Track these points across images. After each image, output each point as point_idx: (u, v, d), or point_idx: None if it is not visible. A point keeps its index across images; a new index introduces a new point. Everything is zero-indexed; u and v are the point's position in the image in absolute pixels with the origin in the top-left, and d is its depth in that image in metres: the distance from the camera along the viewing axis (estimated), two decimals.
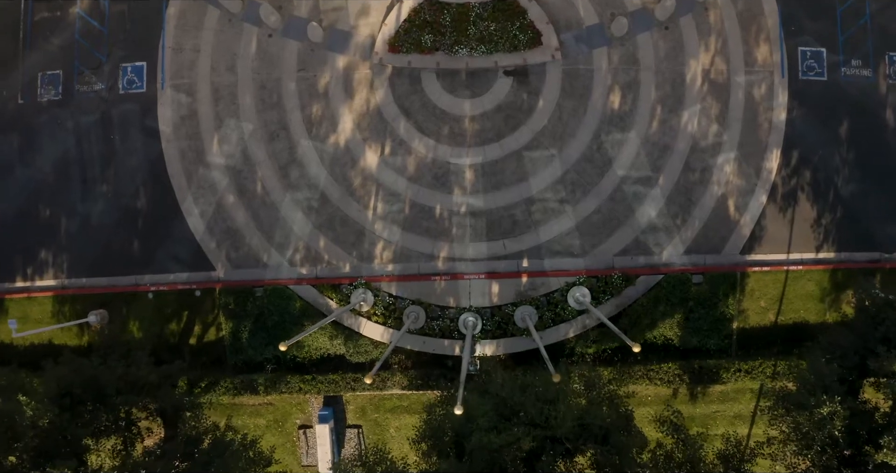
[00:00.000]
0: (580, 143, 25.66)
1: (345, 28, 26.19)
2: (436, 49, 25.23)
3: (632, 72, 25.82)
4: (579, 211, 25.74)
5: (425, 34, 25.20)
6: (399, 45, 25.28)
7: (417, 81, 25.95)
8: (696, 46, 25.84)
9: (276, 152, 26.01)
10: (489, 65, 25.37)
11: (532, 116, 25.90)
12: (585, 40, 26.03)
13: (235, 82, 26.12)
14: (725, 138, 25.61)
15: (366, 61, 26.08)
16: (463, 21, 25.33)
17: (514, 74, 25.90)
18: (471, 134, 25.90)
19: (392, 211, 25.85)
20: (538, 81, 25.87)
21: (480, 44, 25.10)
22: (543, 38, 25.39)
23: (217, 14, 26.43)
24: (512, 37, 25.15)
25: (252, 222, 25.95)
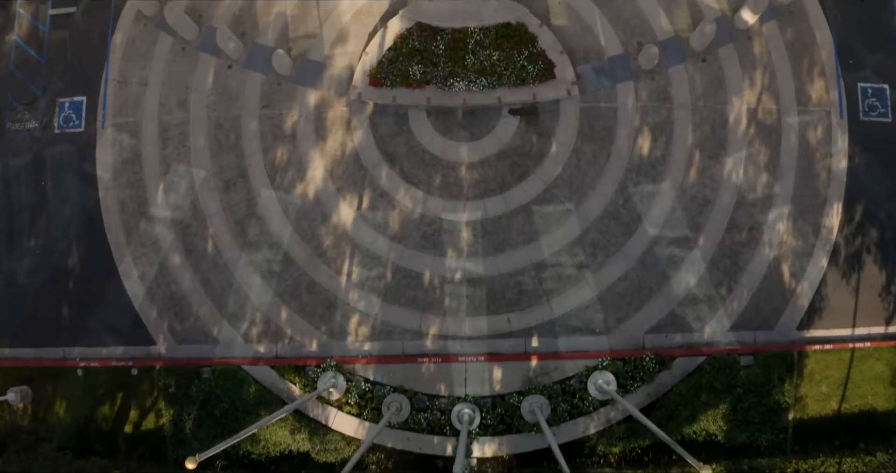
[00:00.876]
0: (602, 196, 22.02)
1: (318, 58, 22.77)
2: (426, 82, 21.91)
3: (664, 110, 22.17)
4: (602, 278, 22.12)
5: (414, 65, 21.68)
6: (382, 77, 21.69)
7: (404, 121, 22.53)
8: (739, 81, 22.70)
9: (231, 204, 22.24)
10: (491, 101, 22.12)
11: (543, 163, 22.44)
12: (607, 73, 22.47)
13: (187, 121, 22.67)
14: (777, 190, 22.36)
15: (342, 97, 22.58)
16: (459, 49, 21.94)
17: (521, 113, 22.61)
18: (468, 184, 22.36)
19: (371, 277, 22.12)
20: (550, 122, 22.46)
21: (480, 76, 21.64)
22: (557, 71, 21.90)
23: (170, 42, 23.26)
24: (519, 68, 21.90)
25: (201, 287, 22.29)
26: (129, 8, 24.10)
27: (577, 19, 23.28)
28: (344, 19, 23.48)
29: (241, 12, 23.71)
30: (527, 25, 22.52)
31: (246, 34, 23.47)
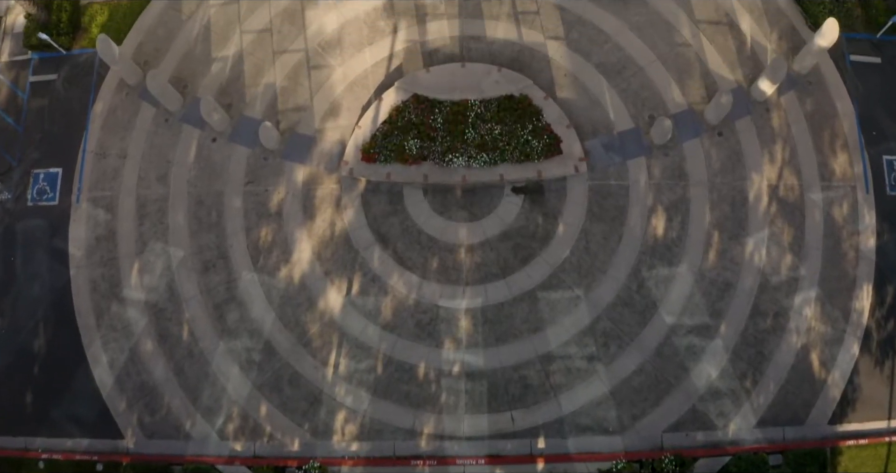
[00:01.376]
0: (614, 281, 20.73)
1: (307, 132, 21.78)
2: (423, 158, 20.94)
3: (679, 188, 20.95)
4: (615, 372, 20.62)
5: (410, 139, 20.66)
6: (376, 152, 20.65)
7: (398, 200, 21.45)
8: (758, 156, 21.85)
9: (210, 287, 20.87)
10: (493, 179, 21.12)
11: (549, 245, 21.27)
12: (617, 149, 21.41)
13: (167, 196, 21.57)
14: (803, 272, 21.09)
15: (332, 173, 21.53)
16: (459, 123, 21.04)
17: (525, 192, 21.57)
18: (468, 268, 21.15)
19: (359, 370, 20.65)
20: (557, 201, 21.40)
21: (481, 152, 20.63)
22: (563, 146, 20.98)
23: (152, 113, 22.45)
24: (523, 143, 20.96)
25: (174, 377, 20.95)
26: (111, 76, 23.35)
27: (585, 92, 22.33)
28: (336, 91, 22.58)
29: (229, 83, 22.83)
30: (531, 98, 21.58)
31: (232, 106, 22.51)
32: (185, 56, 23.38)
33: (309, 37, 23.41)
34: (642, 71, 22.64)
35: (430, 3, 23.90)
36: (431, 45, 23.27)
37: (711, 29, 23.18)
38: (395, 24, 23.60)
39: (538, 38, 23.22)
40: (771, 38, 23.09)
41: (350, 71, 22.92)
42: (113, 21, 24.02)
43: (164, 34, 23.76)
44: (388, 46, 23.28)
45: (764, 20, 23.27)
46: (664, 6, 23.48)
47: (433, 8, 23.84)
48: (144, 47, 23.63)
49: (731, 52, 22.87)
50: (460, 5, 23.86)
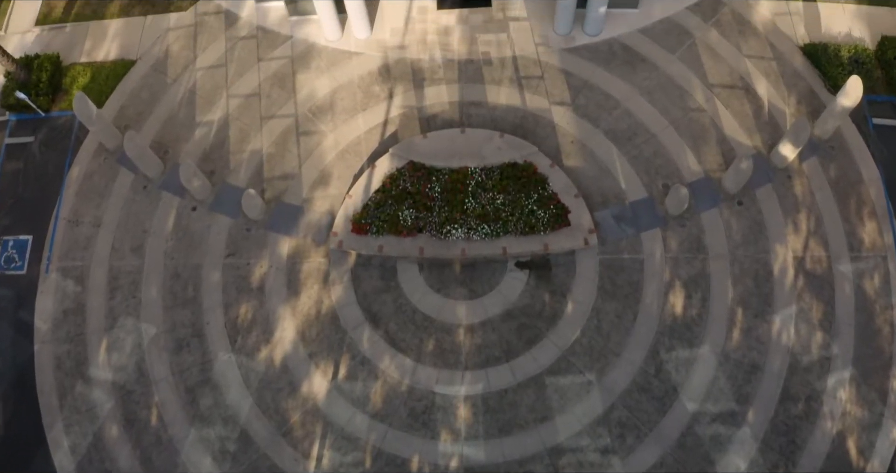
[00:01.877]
0: (629, 364, 19.33)
1: (294, 201, 20.71)
2: (419, 230, 19.97)
3: (697, 262, 19.67)
4: (633, 466, 18.78)
5: (405, 209, 19.51)
6: (367, 223, 19.49)
7: (391, 275, 20.30)
8: (781, 226, 20.72)
9: (183, 368, 19.38)
10: (495, 252, 19.92)
11: (557, 325, 19.84)
12: (630, 220, 20.25)
13: (141, 268, 20.37)
14: (835, 351, 19.61)
15: (320, 246, 20.35)
16: (458, 192, 20.00)
17: (530, 266, 20.42)
18: (468, 351, 19.67)
19: (345, 463, 19.07)
20: (565, 276, 20.18)
21: (482, 223, 19.50)
22: (571, 217, 19.86)
23: (130, 179, 21.47)
24: (527, 214, 19.92)
25: (140, 466, 19.48)
26: (90, 140, 22.57)
27: (594, 159, 21.33)
28: (326, 159, 21.64)
29: (212, 149, 21.91)
30: (536, 165, 20.52)
31: (215, 173, 21.46)
32: (168, 120, 22.56)
33: (299, 101, 22.61)
34: (654, 137, 21.64)
35: (429, 67, 23.19)
36: (429, 111, 22.39)
37: (726, 93, 22.32)
38: (391, 88, 22.81)
39: (543, 104, 22.36)
40: (789, 101, 22.20)
41: (342, 137, 21.98)
42: (95, 83, 23.39)
43: (147, 97, 23.01)
44: (384, 112, 22.41)
45: (781, 84, 22.46)
46: (675, 70, 22.74)
47: (431, 72, 23.10)
48: (126, 111, 22.87)
49: (747, 117, 21.92)
50: (460, 69, 23.14)
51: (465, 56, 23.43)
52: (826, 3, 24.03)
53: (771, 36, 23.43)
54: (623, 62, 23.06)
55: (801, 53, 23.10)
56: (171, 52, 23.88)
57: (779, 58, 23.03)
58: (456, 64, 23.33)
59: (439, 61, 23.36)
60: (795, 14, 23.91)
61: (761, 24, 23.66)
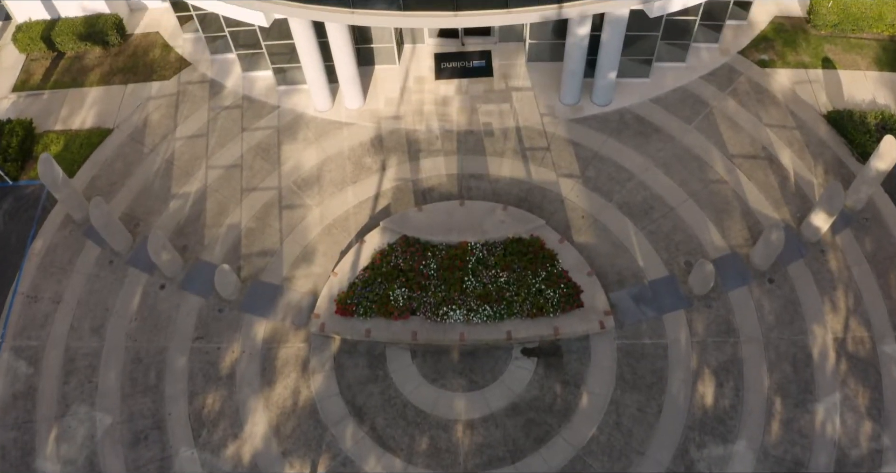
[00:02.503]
0: (656, 464, 17.16)
1: (273, 280, 18.90)
2: (412, 312, 18.04)
3: (728, 346, 17.75)
4: None
5: (396, 288, 17.64)
6: (353, 303, 17.61)
7: (380, 363, 18.16)
8: (818, 305, 18.71)
9: (139, 464, 17.37)
10: (498, 337, 17.95)
11: (571, 421, 17.53)
12: (650, 301, 18.42)
13: (100, 350, 18.59)
14: (886, 442, 17.19)
15: (300, 330, 18.35)
16: (456, 269, 18.28)
17: (538, 354, 18.37)
18: (467, 451, 17.33)
19: None
20: (579, 365, 18.10)
21: (484, 304, 17.64)
22: (584, 297, 18.14)
23: (97, 254, 19.98)
24: (535, 294, 18.08)
25: None
26: (56, 211, 21.14)
27: (607, 235, 19.67)
28: (311, 234, 19.97)
29: (187, 222, 20.27)
30: (543, 240, 18.74)
31: (188, 248, 19.73)
32: (142, 191, 21.05)
33: (284, 174, 21.17)
34: (673, 211, 20.00)
35: (425, 137, 21.92)
36: (425, 184, 20.91)
37: (748, 164, 20.87)
38: (384, 160, 21.43)
39: (549, 176, 20.90)
40: (816, 171, 20.74)
41: (328, 212, 20.37)
42: (68, 151, 22.10)
43: (121, 168, 21.62)
44: (375, 185, 20.93)
45: (806, 153, 21.07)
46: (692, 140, 21.41)
47: (428, 143, 21.81)
48: (98, 181, 21.44)
49: (773, 189, 20.38)
50: (459, 140, 21.85)
51: (465, 126, 22.22)
52: (847, 70, 23.08)
53: (791, 104, 22.27)
54: (636, 133, 21.78)
55: (824, 121, 21.83)
56: (150, 122, 22.67)
57: (802, 126, 21.76)
58: (455, 135, 22.06)
59: (437, 132, 22.11)
60: (815, 82, 22.86)
61: (780, 93, 22.56)
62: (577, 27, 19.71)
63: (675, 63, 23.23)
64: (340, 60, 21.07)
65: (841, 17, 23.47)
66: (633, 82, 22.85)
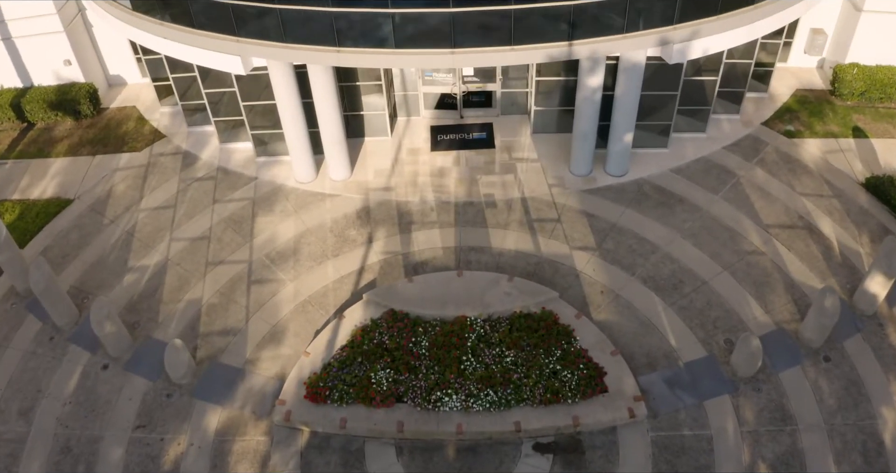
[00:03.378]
0: None
1: (234, 362, 16.39)
2: (398, 398, 15.02)
3: (785, 436, 15.05)
4: None
5: (379, 369, 14.68)
6: (327, 387, 14.70)
7: (357, 461, 14.98)
8: (883, 384, 15.74)
9: None
10: (504, 429, 14.93)
11: None
12: (687, 385, 15.65)
13: (25, 436, 15.72)
14: None
15: (261, 420, 15.28)
16: (453, 347, 15.76)
17: (554, 450, 14.92)
18: None
19: None
20: (605, 463, 15.02)
21: (487, 388, 14.65)
22: (608, 381, 14.98)
23: (37, 329, 17.76)
24: (548, 376, 15.12)
25: None
26: (1, 283, 18.43)
27: (632, 312, 17.13)
28: (282, 312, 17.38)
29: (141, 297, 17.79)
30: (556, 315, 16.00)
31: (139, 326, 17.11)
32: (96, 263, 18.66)
33: (256, 246, 18.86)
34: (706, 285, 17.46)
35: (419, 209, 19.84)
36: (418, 257, 18.57)
37: (786, 233, 18.59)
38: (371, 232, 19.21)
39: (561, 249, 18.57)
40: (861, 240, 18.44)
41: (304, 287, 17.84)
42: (23, 220, 19.94)
43: (77, 239, 19.36)
44: (360, 258, 18.56)
45: (847, 221, 18.87)
46: (721, 211, 19.28)
47: (422, 215, 19.69)
48: (51, 251, 19.11)
49: (816, 259, 17.96)
50: (457, 212, 19.74)
51: (464, 198, 20.13)
52: (880, 138, 21.36)
53: (826, 173, 20.28)
54: (657, 203, 19.64)
55: (863, 189, 19.75)
56: (114, 193, 20.58)
57: (839, 195, 19.63)
58: (452, 206, 19.93)
59: (431, 203, 20.02)
60: (848, 151, 21.03)
61: (812, 162, 20.63)
62: (588, 77, 18.06)
63: (694, 134, 21.50)
64: (326, 121, 19.32)
65: (867, 84, 22.10)
66: (650, 153, 21.01)
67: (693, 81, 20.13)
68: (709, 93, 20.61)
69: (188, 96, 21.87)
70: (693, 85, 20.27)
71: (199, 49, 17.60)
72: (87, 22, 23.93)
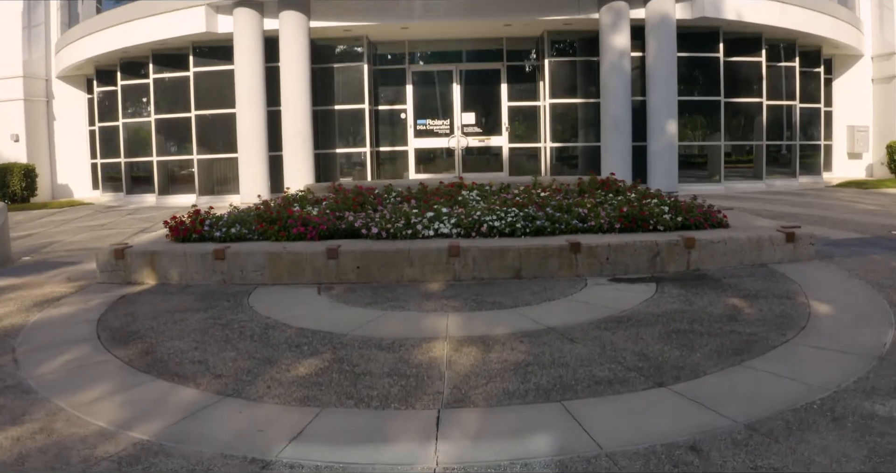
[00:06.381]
0: None
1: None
2: (335, 230, 8.08)
3: None
4: None
5: (307, 204, 8.35)
6: (214, 224, 8.08)
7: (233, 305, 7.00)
8: None
9: None
10: (548, 245, 7.70)
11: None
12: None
13: None
14: None
15: (70, 282, 7.88)
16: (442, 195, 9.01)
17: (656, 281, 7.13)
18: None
19: None
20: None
21: (511, 209, 8.16)
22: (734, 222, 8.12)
23: None
24: (627, 203, 8.19)
25: None
26: None
27: None
28: None
29: None
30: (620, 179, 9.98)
31: None
32: None
33: None
34: None
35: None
36: None
37: None
38: None
39: None
40: None
41: None
42: None
43: None
44: None
45: None
46: None
47: None
48: None
49: None
50: None
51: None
52: None
53: None
54: None
55: None
56: None
57: None
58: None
59: None
60: None
61: None
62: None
63: None
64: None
65: None
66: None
67: None
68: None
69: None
70: None
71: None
72: (50, 113, 21.91)
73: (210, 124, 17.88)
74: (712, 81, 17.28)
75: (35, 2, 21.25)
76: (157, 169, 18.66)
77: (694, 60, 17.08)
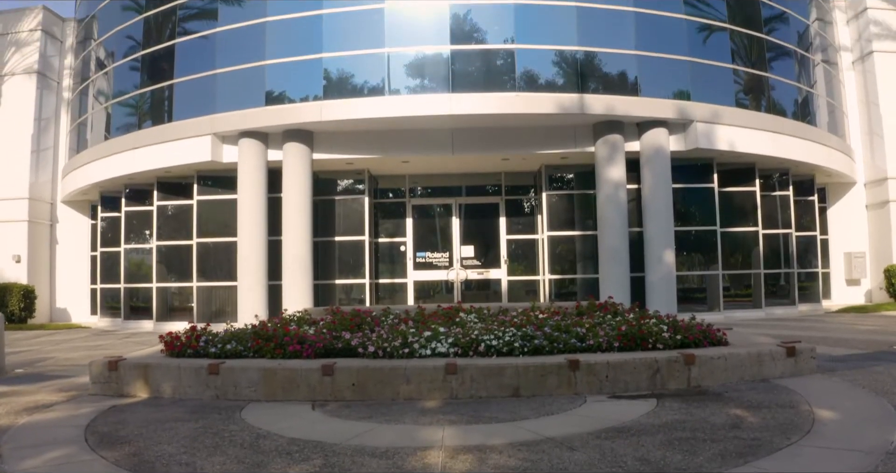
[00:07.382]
0: None
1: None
2: (331, 347, 8.19)
3: None
4: None
5: (308, 328, 8.63)
6: (209, 341, 8.33)
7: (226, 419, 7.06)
8: None
9: None
10: (548, 363, 7.60)
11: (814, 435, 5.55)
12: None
13: None
14: None
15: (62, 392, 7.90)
16: (439, 316, 9.28)
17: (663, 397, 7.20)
18: None
19: None
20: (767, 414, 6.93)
21: (509, 328, 8.31)
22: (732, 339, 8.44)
23: None
24: (624, 323, 8.47)
25: None
26: None
27: None
28: None
29: None
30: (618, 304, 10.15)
31: None
32: None
33: None
34: None
35: None
36: None
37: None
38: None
39: None
40: None
41: None
42: None
43: None
44: None
45: None
46: None
47: None
48: None
49: None
50: None
51: None
52: None
53: None
54: None
55: None
56: None
57: None
58: None
59: None
60: None
61: None
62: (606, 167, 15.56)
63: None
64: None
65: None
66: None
67: None
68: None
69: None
70: None
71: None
72: (53, 236, 22.44)
73: (211, 252, 18.25)
74: (708, 211, 17.83)
75: (45, 126, 22.31)
76: (157, 295, 18.85)
77: (689, 190, 17.74)
